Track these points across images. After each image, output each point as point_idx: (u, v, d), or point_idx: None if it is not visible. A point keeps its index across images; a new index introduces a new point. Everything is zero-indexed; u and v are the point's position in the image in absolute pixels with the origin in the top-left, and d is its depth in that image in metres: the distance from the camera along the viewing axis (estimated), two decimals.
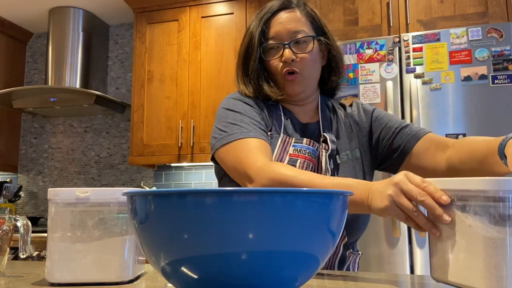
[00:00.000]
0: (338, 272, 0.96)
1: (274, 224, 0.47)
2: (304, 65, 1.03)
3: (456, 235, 0.60)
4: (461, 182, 0.60)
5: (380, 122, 1.09)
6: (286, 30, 1.03)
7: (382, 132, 1.07)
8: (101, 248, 0.71)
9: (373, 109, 1.13)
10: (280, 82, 1.05)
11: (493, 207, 0.55)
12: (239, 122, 1.01)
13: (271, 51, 1.05)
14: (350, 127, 1.10)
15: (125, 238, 0.73)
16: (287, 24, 1.03)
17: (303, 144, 1.02)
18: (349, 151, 1.06)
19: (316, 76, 1.08)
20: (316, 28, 1.07)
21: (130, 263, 0.73)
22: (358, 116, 1.12)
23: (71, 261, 0.70)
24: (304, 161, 0.99)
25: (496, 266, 0.54)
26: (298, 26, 1.03)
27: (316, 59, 1.06)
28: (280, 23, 1.04)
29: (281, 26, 1.04)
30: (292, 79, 1.03)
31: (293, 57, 1.01)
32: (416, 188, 0.65)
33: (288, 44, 1.02)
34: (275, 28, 1.04)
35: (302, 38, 1.03)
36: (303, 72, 1.03)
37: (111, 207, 0.72)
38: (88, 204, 0.72)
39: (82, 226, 0.71)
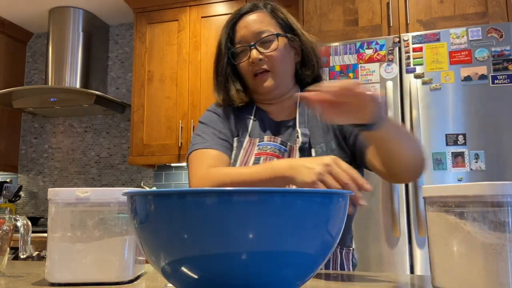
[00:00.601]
0: (338, 272, 0.96)
1: (274, 224, 0.47)
2: (273, 62, 1.05)
3: (455, 242, 0.59)
4: (458, 188, 0.59)
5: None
6: (251, 32, 1.06)
7: (345, 127, 1.07)
8: (101, 248, 0.71)
9: None
10: (251, 83, 1.08)
11: (492, 212, 0.55)
12: (202, 133, 1.09)
13: (240, 54, 1.08)
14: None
15: (125, 238, 0.72)
16: (251, 26, 1.06)
17: (265, 141, 1.05)
18: (324, 143, 1.06)
19: (288, 72, 1.10)
20: (283, 26, 1.09)
21: (130, 263, 0.73)
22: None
23: (71, 261, 0.70)
24: (266, 157, 1.02)
25: (497, 273, 0.54)
26: (262, 27, 1.06)
27: (286, 55, 1.07)
28: (245, 26, 1.07)
29: (246, 29, 1.07)
30: (261, 77, 1.05)
31: (260, 57, 1.04)
32: (344, 173, 0.74)
33: (253, 45, 1.05)
34: (241, 32, 1.07)
35: (266, 37, 1.05)
36: (273, 69, 1.05)
37: (111, 207, 0.72)
38: (88, 204, 0.71)
39: (82, 226, 0.71)
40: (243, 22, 1.08)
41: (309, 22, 2.32)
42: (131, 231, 0.72)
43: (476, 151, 1.92)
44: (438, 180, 1.93)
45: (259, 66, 1.04)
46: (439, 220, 0.62)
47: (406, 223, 1.95)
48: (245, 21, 1.08)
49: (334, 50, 2.18)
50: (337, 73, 2.15)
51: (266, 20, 1.07)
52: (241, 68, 1.08)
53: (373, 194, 2.01)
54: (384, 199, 1.99)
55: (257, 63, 1.04)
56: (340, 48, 2.17)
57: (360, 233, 2.00)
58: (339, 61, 2.16)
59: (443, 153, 1.95)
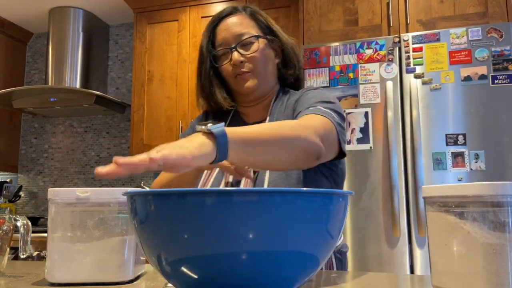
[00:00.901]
0: (337, 272, 0.96)
1: (274, 224, 0.47)
2: (254, 63, 1.06)
3: (455, 242, 0.59)
4: (458, 188, 0.59)
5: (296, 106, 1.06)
6: (231, 34, 1.07)
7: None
8: (101, 248, 0.71)
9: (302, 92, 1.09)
10: (233, 84, 1.09)
11: (492, 212, 0.55)
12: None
13: (222, 57, 1.09)
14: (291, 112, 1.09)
15: (125, 238, 0.72)
16: (231, 29, 1.08)
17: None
18: None
19: (270, 73, 1.11)
20: (263, 28, 1.11)
21: (130, 263, 0.73)
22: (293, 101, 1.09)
23: (71, 261, 0.70)
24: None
25: (497, 273, 0.54)
26: (242, 29, 1.07)
27: (267, 56, 1.09)
28: (226, 29, 1.09)
29: (227, 32, 1.08)
30: (243, 77, 1.07)
31: (241, 59, 1.05)
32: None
33: (234, 47, 1.06)
34: (222, 34, 1.09)
35: (247, 39, 1.06)
36: (254, 70, 1.07)
37: (111, 207, 0.72)
38: (88, 204, 0.71)
39: (82, 226, 0.71)
40: (224, 25, 1.10)
41: (309, 22, 2.33)
42: (131, 231, 0.72)
43: (476, 151, 1.92)
44: (438, 180, 1.93)
45: (241, 68, 1.06)
46: (439, 220, 0.62)
47: (406, 223, 1.95)
48: (225, 24, 1.09)
49: (334, 50, 2.18)
50: (337, 73, 2.15)
51: (246, 22, 1.09)
52: (223, 70, 1.10)
53: (373, 194, 2.01)
54: (384, 199, 1.99)
55: (238, 65, 1.06)
56: (340, 48, 2.17)
57: (360, 233, 2.00)
58: (339, 61, 2.16)
59: (443, 153, 1.95)
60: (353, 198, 2.02)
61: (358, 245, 1.99)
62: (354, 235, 2.01)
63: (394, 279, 0.83)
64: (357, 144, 2.06)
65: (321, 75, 2.17)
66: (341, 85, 2.13)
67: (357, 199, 2.02)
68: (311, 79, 2.18)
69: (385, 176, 2.00)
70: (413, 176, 1.95)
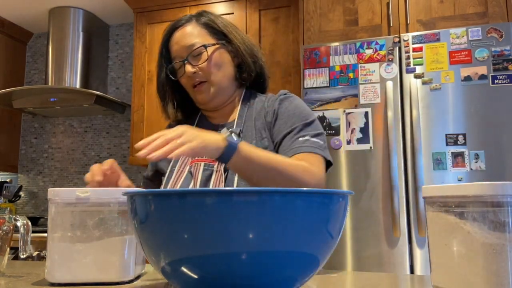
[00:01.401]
0: (337, 272, 0.96)
1: (274, 224, 0.47)
2: (207, 73, 1.08)
3: (455, 242, 0.59)
4: (458, 188, 0.59)
5: (277, 121, 1.08)
6: (182, 47, 1.09)
7: (274, 134, 1.08)
8: (101, 248, 0.71)
9: (279, 103, 1.11)
10: (193, 96, 1.13)
11: (492, 212, 0.55)
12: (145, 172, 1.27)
13: (179, 70, 1.11)
14: (263, 119, 1.10)
15: (125, 238, 0.72)
16: (181, 42, 1.10)
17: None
18: (255, 140, 1.07)
19: (226, 79, 1.11)
20: (215, 33, 1.12)
21: (130, 263, 0.73)
22: (273, 106, 1.11)
23: (71, 261, 0.70)
24: (196, 164, 1.06)
25: (497, 273, 0.54)
26: (192, 39, 1.09)
27: (219, 63, 1.10)
28: (176, 42, 1.11)
29: (178, 45, 1.10)
30: (198, 89, 1.09)
31: (193, 70, 1.08)
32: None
33: (186, 59, 1.08)
34: (174, 48, 1.11)
35: (195, 50, 1.08)
36: (208, 79, 1.09)
37: (111, 207, 0.72)
38: (88, 204, 0.71)
39: (82, 226, 0.71)
40: (175, 38, 1.11)
41: (309, 22, 2.33)
42: (131, 231, 0.72)
43: (476, 151, 1.92)
44: (438, 180, 1.93)
45: (195, 79, 1.08)
46: (439, 220, 0.62)
47: (406, 223, 1.95)
48: (176, 37, 1.11)
49: (334, 50, 2.18)
50: (337, 73, 2.15)
51: (195, 32, 1.10)
52: (181, 82, 1.12)
53: (373, 194, 2.01)
54: (384, 199, 1.99)
55: (192, 76, 1.08)
56: (340, 48, 2.17)
57: (360, 233, 2.00)
58: (339, 61, 2.16)
59: (443, 153, 1.95)
60: (353, 198, 2.02)
61: (358, 245, 1.99)
62: (354, 235, 2.01)
63: (394, 279, 0.83)
64: (357, 144, 2.06)
65: (321, 75, 2.17)
66: (341, 85, 2.13)
67: (357, 199, 2.02)
68: (311, 79, 2.18)
69: (385, 176, 2.00)
70: (413, 176, 1.95)
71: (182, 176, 1.07)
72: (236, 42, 1.12)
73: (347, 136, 2.07)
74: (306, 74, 2.19)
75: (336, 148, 2.08)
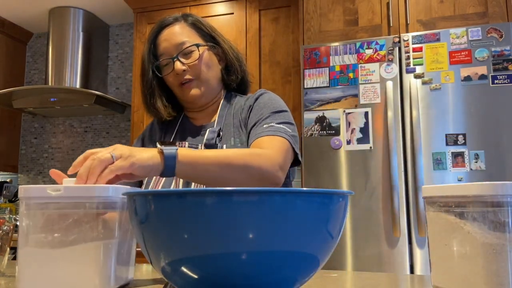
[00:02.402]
0: (337, 272, 0.96)
1: (274, 224, 0.47)
2: (196, 71, 1.09)
3: (455, 242, 0.59)
4: (458, 188, 0.59)
5: (250, 115, 1.09)
6: (172, 44, 1.08)
7: (247, 127, 1.08)
8: (75, 255, 0.61)
9: (255, 99, 1.12)
10: (179, 93, 1.12)
11: (492, 212, 0.55)
12: None
13: (165, 68, 1.10)
14: (241, 117, 1.11)
15: (103, 244, 0.63)
16: (172, 39, 1.09)
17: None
18: (233, 138, 1.08)
19: (214, 79, 1.13)
20: (203, 35, 1.13)
21: (109, 271, 0.63)
22: (250, 104, 1.12)
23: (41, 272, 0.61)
24: None
25: (497, 273, 0.54)
26: (182, 38, 1.09)
27: (209, 63, 1.11)
28: (166, 39, 1.10)
29: (167, 42, 1.09)
30: (188, 86, 1.09)
31: (184, 68, 1.07)
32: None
33: (176, 57, 1.08)
34: (162, 45, 1.10)
35: (187, 48, 1.08)
36: (197, 77, 1.09)
37: (86, 208, 0.62)
38: (60, 204, 0.62)
39: (53, 229, 0.61)
40: (164, 35, 1.10)
41: (309, 22, 2.33)
42: (110, 234, 0.64)
43: (476, 151, 1.92)
44: (438, 180, 1.93)
45: (184, 76, 1.08)
46: (439, 220, 0.62)
47: (406, 223, 1.95)
48: (165, 34, 1.10)
49: (334, 50, 2.18)
50: (337, 73, 2.15)
51: (187, 31, 1.11)
52: (167, 80, 1.11)
53: (373, 194, 2.01)
54: (384, 199, 1.99)
55: (181, 74, 1.08)
56: (340, 48, 2.17)
57: (360, 233, 2.00)
58: (339, 61, 2.16)
59: (443, 153, 1.95)
60: (353, 198, 2.02)
61: (358, 245, 1.99)
62: (354, 235, 2.01)
63: (394, 279, 0.83)
64: (357, 144, 2.06)
65: (321, 75, 2.17)
66: (341, 85, 2.13)
67: (357, 199, 2.02)
68: (311, 79, 2.18)
69: (385, 176, 2.00)
70: (413, 176, 1.95)
71: (161, 180, 1.06)
72: (225, 45, 1.15)
73: (347, 136, 2.07)
74: (306, 74, 2.19)
75: (336, 148, 2.08)
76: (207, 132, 1.08)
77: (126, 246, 0.70)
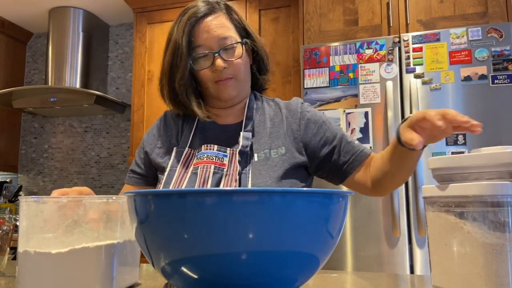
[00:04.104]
0: (337, 272, 0.96)
1: (274, 224, 0.47)
2: (236, 70, 1.02)
3: (455, 243, 0.59)
4: (458, 188, 0.59)
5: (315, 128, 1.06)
6: (214, 37, 1.01)
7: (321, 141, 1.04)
8: (74, 257, 0.59)
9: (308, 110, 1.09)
10: (212, 90, 1.04)
11: (492, 212, 0.55)
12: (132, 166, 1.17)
13: (200, 60, 1.02)
14: (278, 125, 1.07)
15: (104, 245, 0.61)
16: (214, 31, 1.01)
17: (202, 150, 1.03)
18: (269, 149, 1.03)
19: (248, 78, 1.09)
20: (240, 30, 1.07)
21: (110, 274, 0.62)
22: (288, 114, 1.08)
23: (39, 274, 0.59)
24: (204, 166, 0.99)
25: (497, 273, 0.54)
26: (225, 32, 1.02)
27: (246, 61, 1.06)
28: (207, 31, 1.01)
29: (209, 34, 1.01)
30: (225, 84, 1.02)
31: (225, 65, 1.00)
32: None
33: (218, 52, 1.00)
34: (203, 36, 1.01)
35: (229, 44, 1.01)
36: (236, 76, 1.03)
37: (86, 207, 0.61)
38: (60, 203, 0.61)
39: (53, 229, 0.60)
40: (204, 25, 1.01)
41: (309, 22, 2.33)
42: (112, 235, 0.62)
43: None
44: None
45: (223, 74, 1.01)
46: (439, 220, 0.62)
47: (406, 223, 1.95)
48: (206, 25, 1.01)
49: (334, 50, 2.18)
50: (337, 73, 2.15)
51: (227, 25, 1.04)
52: (203, 75, 1.03)
53: None
54: (384, 199, 1.99)
55: (221, 71, 1.00)
56: (340, 48, 2.17)
57: (360, 233, 2.00)
58: (339, 61, 2.16)
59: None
60: (353, 198, 2.02)
61: (358, 245, 1.99)
62: (354, 235, 2.01)
63: (394, 279, 0.83)
64: None
65: (321, 75, 2.17)
66: (341, 85, 2.13)
67: (357, 199, 2.02)
68: (311, 79, 2.18)
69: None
70: (413, 176, 1.95)
71: (186, 177, 1.01)
72: (258, 41, 1.09)
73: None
74: (306, 74, 2.19)
75: None
76: (241, 138, 1.01)
77: (130, 247, 0.69)
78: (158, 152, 1.10)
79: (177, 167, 1.03)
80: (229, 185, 0.97)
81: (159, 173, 1.08)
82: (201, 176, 0.98)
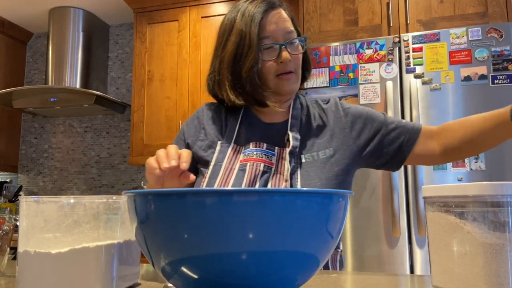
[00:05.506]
0: (337, 272, 0.96)
1: (274, 224, 0.47)
2: (297, 65, 1.04)
3: (455, 243, 0.59)
4: (458, 188, 0.59)
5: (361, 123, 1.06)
6: (281, 29, 1.01)
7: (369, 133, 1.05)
8: (73, 258, 0.59)
9: (348, 107, 1.10)
10: (273, 83, 1.02)
11: (492, 212, 0.55)
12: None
13: (265, 51, 1.01)
14: (323, 126, 1.07)
15: (104, 245, 0.61)
16: (281, 24, 1.01)
17: (251, 148, 1.02)
18: (316, 152, 1.02)
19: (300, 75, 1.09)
20: (295, 27, 1.07)
21: (111, 275, 0.61)
22: (336, 114, 1.09)
23: (39, 276, 0.59)
24: (253, 163, 0.98)
25: (497, 273, 0.54)
26: (289, 26, 1.03)
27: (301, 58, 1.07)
28: (275, 22, 1.01)
29: (276, 26, 1.00)
30: (287, 78, 1.02)
31: (290, 58, 1.01)
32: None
33: (285, 44, 1.00)
34: (270, 27, 1.00)
35: (295, 38, 1.03)
36: (296, 71, 1.04)
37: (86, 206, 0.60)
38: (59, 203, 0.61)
39: (52, 229, 0.59)
40: (272, 17, 1.01)
41: (309, 22, 2.32)
42: (112, 235, 0.62)
43: None
44: (438, 180, 1.93)
45: (287, 67, 1.01)
46: (439, 220, 0.62)
47: (406, 223, 1.95)
48: (274, 17, 1.01)
49: (334, 50, 2.18)
50: (337, 73, 2.15)
51: (289, 20, 1.05)
52: (266, 66, 1.01)
53: (373, 194, 2.01)
54: (384, 199, 1.99)
55: (286, 64, 1.00)
56: (340, 48, 2.17)
57: (360, 233, 2.00)
58: (339, 61, 2.16)
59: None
60: (353, 198, 2.02)
61: (358, 245, 1.99)
62: (354, 235, 2.01)
63: (394, 279, 0.83)
64: None
65: (321, 75, 2.17)
66: (341, 85, 2.13)
67: (357, 199, 2.02)
68: (311, 79, 2.18)
69: (385, 176, 2.00)
70: (413, 176, 1.95)
71: (232, 173, 0.99)
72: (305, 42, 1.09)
73: None
74: None
75: None
76: (291, 138, 1.00)
77: (130, 247, 0.69)
78: (200, 145, 1.08)
79: (222, 163, 1.01)
80: (278, 185, 0.96)
81: (201, 166, 1.05)
82: (250, 173, 0.97)
